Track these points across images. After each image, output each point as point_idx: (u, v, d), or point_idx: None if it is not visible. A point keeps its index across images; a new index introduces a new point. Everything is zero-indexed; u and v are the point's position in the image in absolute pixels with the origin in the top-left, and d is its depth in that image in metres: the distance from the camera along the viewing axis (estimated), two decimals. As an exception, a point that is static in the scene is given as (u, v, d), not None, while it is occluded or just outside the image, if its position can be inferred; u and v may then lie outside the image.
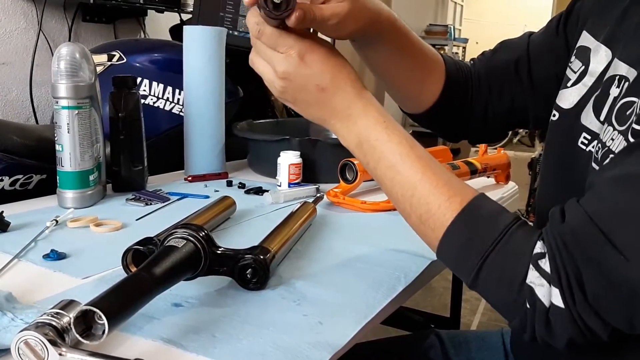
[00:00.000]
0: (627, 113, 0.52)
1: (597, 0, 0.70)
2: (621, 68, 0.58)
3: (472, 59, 0.84)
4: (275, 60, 0.57)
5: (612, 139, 0.53)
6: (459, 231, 0.54)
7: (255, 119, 1.43)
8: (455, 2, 6.91)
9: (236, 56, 1.37)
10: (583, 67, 0.65)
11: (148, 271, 0.53)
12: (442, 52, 4.99)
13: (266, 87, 0.63)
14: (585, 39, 0.67)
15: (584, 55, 0.66)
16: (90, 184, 0.94)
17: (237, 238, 0.82)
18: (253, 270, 0.62)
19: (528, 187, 3.42)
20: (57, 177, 0.93)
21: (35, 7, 1.63)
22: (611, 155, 0.52)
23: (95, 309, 0.44)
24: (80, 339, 0.45)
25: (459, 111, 0.81)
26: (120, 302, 0.47)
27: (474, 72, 0.81)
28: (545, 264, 0.48)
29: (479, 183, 1.16)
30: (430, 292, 2.57)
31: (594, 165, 0.56)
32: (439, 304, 2.48)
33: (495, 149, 1.34)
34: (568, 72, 0.68)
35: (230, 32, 1.51)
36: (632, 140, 0.50)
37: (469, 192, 0.56)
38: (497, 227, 0.52)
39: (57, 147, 0.91)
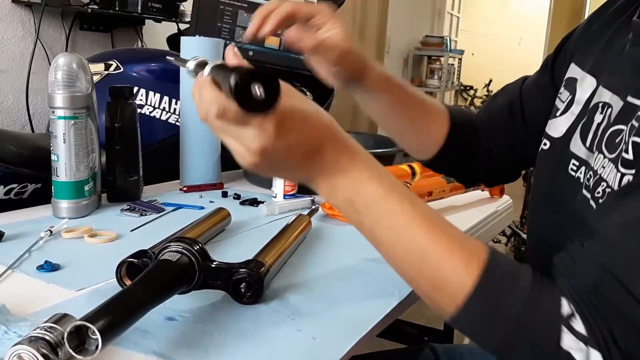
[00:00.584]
0: (616, 141, 0.53)
1: (584, 34, 0.71)
2: (605, 95, 0.59)
3: (478, 106, 0.87)
4: (248, 138, 0.48)
5: (603, 167, 0.53)
6: (481, 298, 0.49)
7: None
8: (452, 14, 6.95)
9: (233, 67, 1.37)
10: (570, 96, 0.66)
11: (142, 285, 0.53)
12: (438, 62, 4.97)
13: None
14: (573, 71, 0.69)
15: (571, 85, 0.67)
16: (85, 194, 0.94)
17: (231, 250, 0.82)
18: (247, 285, 0.62)
19: (522, 199, 3.43)
20: (52, 187, 0.93)
21: (33, 15, 1.63)
22: (607, 189, 0.52)
23: (88, 325, 0.44)
24: (73, 354, 0.45)
25: (466, 156, 0.82)
26: (113, 317, 0.47)
27: (479, 118, 0.83)
28: (578, 325, 0.46)
29: (473, 197, 1.17)
30: (424, 303, 2.57)
31: (585, 192, 0.56)
32: (433, 315, 2.47)
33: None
34: (557, 102, 0.69)
35: (228, 42, 1.52)
36: (621, 169, 0.50)
37: (481, 249, 0.51)
38: (520, 289, 0.48)
39: (53, 157, 0.91)
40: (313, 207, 1.02)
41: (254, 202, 1.08)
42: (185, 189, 1.14)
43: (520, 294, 0.48)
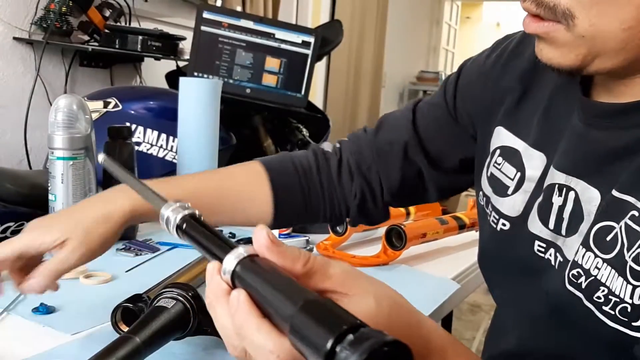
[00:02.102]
0: (608, 239, 0.50)
1: (496, 89, 0.67)
2: (558, 177, 0.56)
3: (339, 141, 0.81)
4: None
5: (597, 268, 0.50)
6: None
7: (248, 166, 1.45)
8: (447, 50, 7.08)
9: (230, 103, 1.39)
10: (519, 173, 0.62)
11: (138, 333, 0.53)
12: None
13: (259, 133, 0.59)
14: (507, 138, 0.64)
15: (515, 159, 0.63)
16: (81, 233, 0.94)
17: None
18: None
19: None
20: (49, 226, 0.93)
21: (34, 52, 1.66)
22: (612, 297, 0.48)
23: None
24: None
25: (307, 206, 0.77)
26: None
27: (335, 158, 0.78)
28: None
29: (467, 237, 1.18)
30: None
31: (572, 289, 0.52)
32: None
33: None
34: (500, 176, 0.64)
35: (226, 80, 1.55)
36: (632, 281, 0.47)
37: None
38: None
39: (50, 197, 0.92)
40: (308, 247, 1.02)
41: (249, 242, 1.08)
42: (181, 227, 1.15)
43: None
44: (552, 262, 0.56)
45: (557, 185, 0.56)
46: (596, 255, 0.50)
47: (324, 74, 4.01)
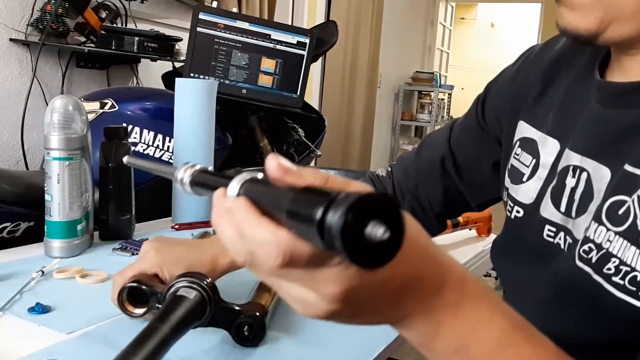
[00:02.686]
0: (620, 213, 0.51)
1: (521, 88, 0.71)
2: (574, 158, 0.59)
3: (391, 166, 0.90)
4: (325, 282, 0.34)
5: (609, 241, 0.51)
6: None
7: (244, 165, 1.45)
8: (442, 50, 7.09)
9: (226, 103, 1.40)
10: (534, 160, 0.66)
11: (164, 322, 0.55)
12: (429, 97, 5.02)
13: (255, 133, 0.64)
14: (527, 130, 0.68)
15: (531, 147, 0.66)
16: (77, 233, 0.95)
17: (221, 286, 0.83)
18: (250, 328, 0.63)
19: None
20: (45, 226, 0.94)
21: (31, 53, 1.66)
22: (623, 267, 0.50)
23: None
24: None
25: None
26: (144, 356, 0.49)
27: (389, 181, 0.86)
28: None
29: (461, 236, 1.19)
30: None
31: (581, 264, 0.54)
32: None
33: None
34: (518, 165, 0.68)
35: (222, 81, 1.55)
36: None
37: None
38: None
39: (47, 197, 0.92)
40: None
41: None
42: (177, 226, 1.15)
43: None
44: (562, 246, 0.58)
45: (571, 167, 0.59)
46: (608, 229, 0.52)
47: (320, 75, 4.02)
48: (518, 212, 0.67)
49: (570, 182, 0.59)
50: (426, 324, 0.39)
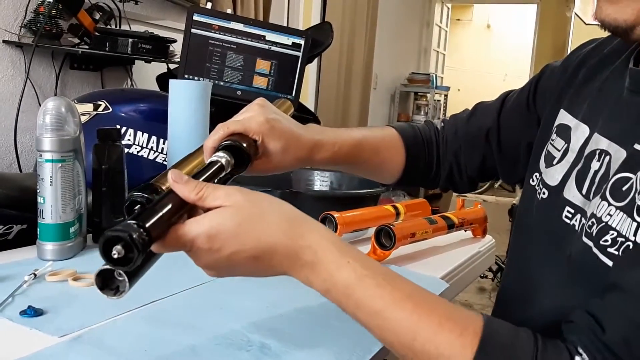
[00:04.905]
0: (624, 189, 0.53)
1: (569, 79, 0.74)
2: (602, 142, 0.61)
3: (444, 120, 0.92)
4: (194, 259, 0.53)
5: (610, 215, 0.53)
6: None
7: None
8: (438, 51, 7.10)
9: (221, 105, 1.40)
10: (565, 145, 0.69)
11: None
12: (425, 99, 5.03)
13: None
14: (564, 117, 0.71)
15: (565, 133, 0.69)
16: (70, 236, 0.94)
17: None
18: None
19: (509, 233, 3.46)
20: (38, 229, 0.93)
21: (24, 55, 1.65)
22: (619, 238, 0.51)
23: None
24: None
25: (426, 173, 0.90)
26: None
27: (441, 135, 0.89)
28: None
29: (456, 237, 1.18)
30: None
31: (586, 240, 0.56)
32: None
33: (483, 193, 1.37)
34: (552, 149, 0.71)
35: (216, 82, 1.55)
36: (638, 218, 0.50)
37: (474, 319, 0.50)
38: (524, 354, 0.48)
39: (39, 199, 0.92)
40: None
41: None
42: (171, 229, 1.14)
43: (525, 357, 0.47)
44: (576, 227, 0.60)
45: (597, 151, 0.61)
46: (609, 204, 0.54)
47: (315, 76, 4.02)
48: (544, 193, 0.69)
49: (594, 165, 0.61)
50: (300, 277, 0.53)
